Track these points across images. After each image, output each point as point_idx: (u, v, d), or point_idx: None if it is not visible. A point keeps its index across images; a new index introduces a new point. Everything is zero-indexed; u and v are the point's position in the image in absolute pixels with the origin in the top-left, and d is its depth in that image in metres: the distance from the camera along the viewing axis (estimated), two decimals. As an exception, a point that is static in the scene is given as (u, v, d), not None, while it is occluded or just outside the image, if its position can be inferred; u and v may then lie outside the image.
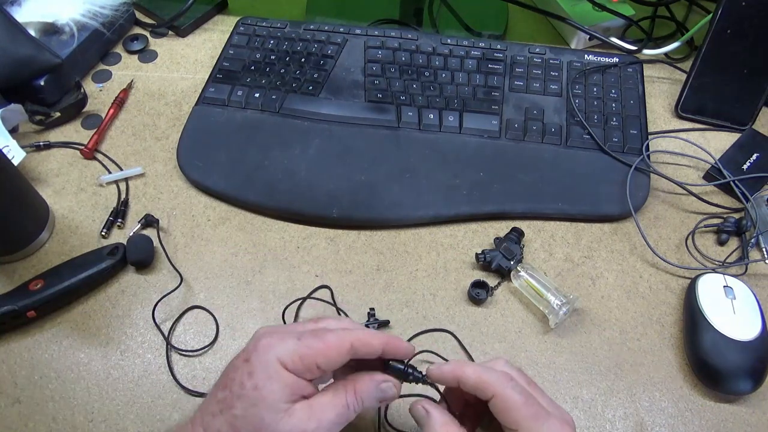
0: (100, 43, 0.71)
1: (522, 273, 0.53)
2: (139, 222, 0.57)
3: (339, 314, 0.51)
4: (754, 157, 0.62)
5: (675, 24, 0.77)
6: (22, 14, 0.66)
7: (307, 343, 0.35)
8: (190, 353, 0.50)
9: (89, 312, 0.52)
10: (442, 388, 0.39)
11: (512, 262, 0.54)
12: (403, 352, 0.38)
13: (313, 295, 0.53)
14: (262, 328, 0.37)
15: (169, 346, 0.50)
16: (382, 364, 0.38)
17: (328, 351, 0.35)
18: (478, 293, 0.53)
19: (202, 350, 0.50)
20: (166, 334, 0.51)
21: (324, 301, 0.53)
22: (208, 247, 0.56)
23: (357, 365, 0.37)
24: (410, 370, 0.38)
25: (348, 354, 0.35)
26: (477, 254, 0.55)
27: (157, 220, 0.57)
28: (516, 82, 0.67)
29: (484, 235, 0.58)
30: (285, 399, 0.33)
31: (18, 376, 0.48)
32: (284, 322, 0.51)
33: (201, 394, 0.47)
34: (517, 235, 0.56)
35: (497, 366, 0.38)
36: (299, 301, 0.52)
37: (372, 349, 0.36)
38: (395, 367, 0.38)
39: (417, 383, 0.39)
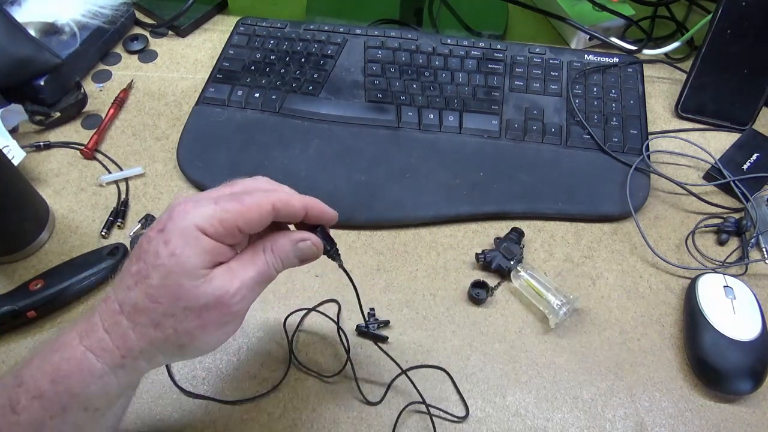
0: (100, 43, 0.71)
1: (522, 273, 0.53)
2: (139, 222, 0.57)
3: (339, 333, 0.51)
4: (754, 157, 0.62)
5: (675, 24, 0.77)
6: (22, 14, 0.66)
7: (225, 207, 0.33)
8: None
9: (89, 312, 0.52)
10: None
11: (512, 262, 0.54)
12: (327, 217, 0.38)
13: (318, 309, 0.53)
14: (178, 197, 0.35)
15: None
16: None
17: (249, 213, 0.33)
18: (478, 293, 0.53)
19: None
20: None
21: (328, 316, 0.53)
22: (208, 247, 0.56)
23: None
24: (329, 247, 0.39)
25: (269, 215, 0.34)
26: (477, 254, 0.55)
27: (157, 220, 0.57)
28: (516, 82, 0.67)
29: (484, 235, 0.58)
30: (203, 265, 0.32)
31: (18, 376, 0.48)
32: (285, 331, 0.51)
33: (200, 396, 0.47)
34: (517, 235, 0.56)
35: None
36: (304, 311, 0.52)
37: (293, 210, 0.35)
38: (323, 239, 0.38)
39: (333, 260, 0.40)
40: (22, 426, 0.32)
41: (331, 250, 0.40)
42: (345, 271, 0.41)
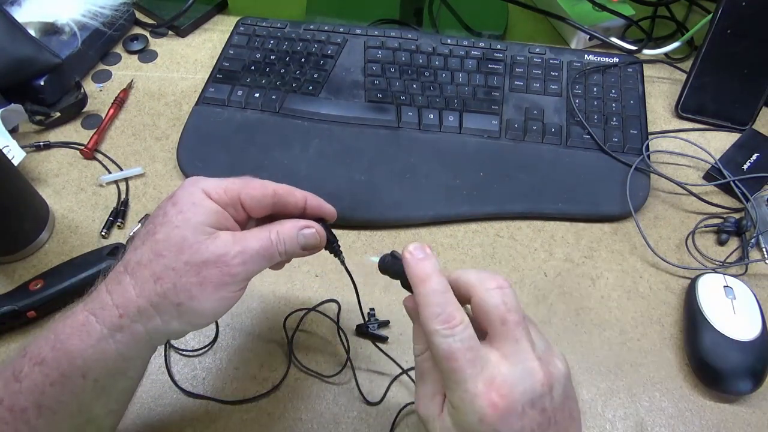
0: (100, 43, 0.71)
1: None
2: (139, 222, 0.57)
3: (339, 333, 0.51)
4: (754, 157, 0.62)
5: (675, 24, 0.77)
6: (22, 14, 0.66)
7: (231, 180, 0.36)
8: (190, 353, 0.50)
9: (89, 312, 0.52)
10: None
11: None
12: (326, 211, 0.40)
13: (318, 308, 0.53)
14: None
15: (169, 346, 0.50)
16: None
17: (252, 189, 0.36)
18: None
19: (202, 350, 0.50)
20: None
21: (328, 316, 0.53)
22: (208, 247, 0.56)
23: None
24: (333, 240, 0.41)
25: (271, 197, 0.37)
26: None
27: (157, 220, 0.57)
28: (516, 82, 0.67)
29: (484, 235, 0.58)
30: (209, 223, 0.34)
31: (18, 376, 0.48)
32: (285, 331, 0.51)
33: (200, 396, 0.47)
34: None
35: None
36: (304, 311, 0.52)
37: (294, 198, 0.38)
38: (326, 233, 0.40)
39: (336, 256, 0.41)
40: (23, 394, 0.33)
41: (334, 244, 0.41)
42: (346, 268, 0.42)
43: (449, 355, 0.30)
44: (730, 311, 0.50)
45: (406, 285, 0.36)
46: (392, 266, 0.38)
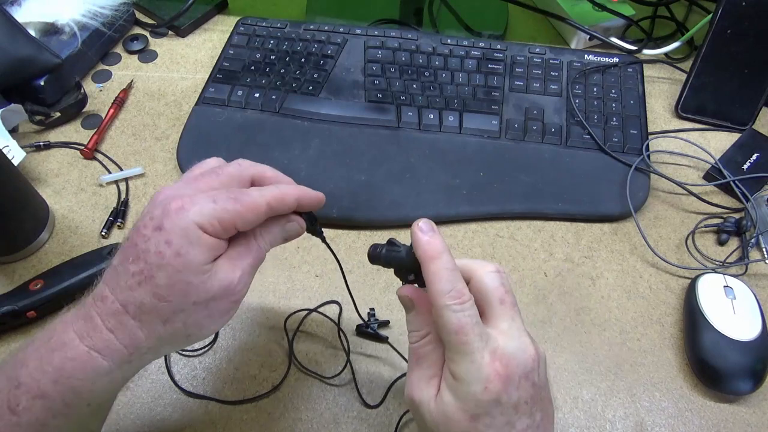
0: (100, 44, 0.71)
1: None
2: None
3: (339, 334, 0.51)
4: (754, 157, 0.62)
5: (675, 24, 0.77)
6: (22, 14, 0.66)
7: (224, 207, 0.33)
8: (190, 353, 0.50)
9: (89, 312, 0.52)
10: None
11: None
12: (316, 203, 0.39)
13: (319, 309, 0.53)
14: (162, 190, 0.35)
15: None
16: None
17: (246, 213, 0.34)
18: None
19: (202, 350, 0.50)
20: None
21: (328, 317, 0.53)
22: (208, 247, 0.56)
23: None
24: (319, 228, 0.41)
25: (265, 214, 0.35)
26: None
27: (157, 220, 0.57)
28: (516, 82, 0.67)
29: (485, 235, 0.58)
30: (207, 261, 0.33)
31: (18, 376, 0.48)
32: (285, 332, 0.51)
33: (200, 396, 0.47)
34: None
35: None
36: (305, 312, 0.52)
37: (287, 206, 0.37)
38: (306, 217, 0.40)
39: (316, 236, 0.42)
40: (23, 427, 0.33)
41: (314, 227, 0.41)
42: (328, 246, 0.43)
43: (459, 328, 0.32)
44: (730, 311, 0.50)
45: (400, 274, 0.38)
46: (387, 254, 0.38)
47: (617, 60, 0.69)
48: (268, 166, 0.39)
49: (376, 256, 0.39)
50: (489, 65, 0.68)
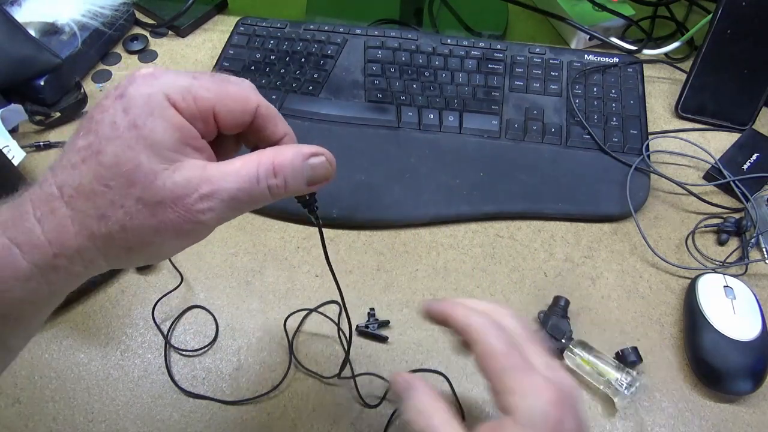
0: (100, 43, 0.71)
1: (578, 352, 0.48)
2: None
3: (339, 334, 0.51)
4: (754, 157, 0.62)
5: (675, 24, 0.77)
6: (22, 14, 0.66)
7: (204, 84, 0.27)
8: (190, 353, 0.50)
9: (89, 312, 0.52)
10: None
11: (563, 341, 0.49)
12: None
13: (320, 309, 0.53)
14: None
15: (169, 346, 0.50)
16: None
17: (231, 100, 0.27)
18: None
19: (202, 350, 0.50)
20: (166, 333, 0.51)
21: (328, 317, 0.53)
22: (208, 247, 0.56)
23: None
24: (315, 200, 0.32)
25: (251, 114, 0.28)
26: None
27: (157, 220, 0.57)
28: (516, 82, 0.67)
29: (484, 235, 0.58)
30: (172, 146, 0.26)
31: (18, 376, 0.48)
32: (285, 332, 0.51)
33: (200, 396, 0.47)
34: (563, 307, 0.51)
35: (494, 313, 0.33)
36: (305, 312, 0.52)
37: (274, 126, 0.29)
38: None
39: (308, 208, 0.33)
40: None
41: (309, 199, 0.33)
42: (318, 220, 0.35)
43: (505, 350, 0.31)
44: (730, 311, 0.50)
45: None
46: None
47: (617, 60, 0.69)
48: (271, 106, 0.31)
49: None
50: (489, 65, 0.68)
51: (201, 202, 0.26)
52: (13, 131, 0.62)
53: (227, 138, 0.30)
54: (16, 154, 0.58)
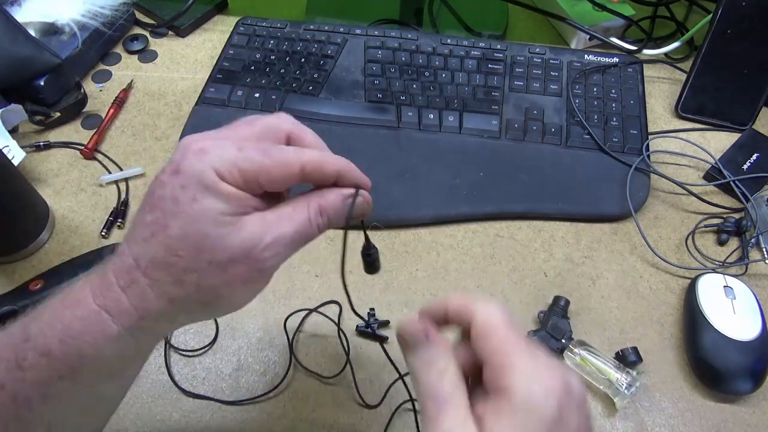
0: (100, 44, 0.71)
1: (577, 351, 0.48)
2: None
3: (339, 334, 0.51)
4: (754, 157, 0.62)
5: (675, 24, 0.77)
6: (22, 14, 0.66)
7: (248, 156, 0.29)
8: (190, 353, 0.50)
9: (89, 312, 0.52)
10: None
11: (563, 341, 0.49)
12: (362, 182, 0.33)
13: (319, 310, 0.53)
14: (189, 135, 0.31)
15: (168, 346, 0.50)
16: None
17: (274, 169, 0.29)
18: None
19: (202, 350, 0.50)
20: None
21: (329, 317, 0.53)
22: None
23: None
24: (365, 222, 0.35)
25: (297, 177, 0.30)
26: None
27: (157, 220, 0.57)
28: (516, 82, 0.67)
29: (484, 235, 0.58)
30: (229, 211, 0.28)
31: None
32: (286, 331, 0.51)
33: (200, 396, 0.47)
34: (563, 307, 0.51)
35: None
36: (305, 312, 0.52)
37: (324, 175, 0.31)
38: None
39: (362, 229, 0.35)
40: (28, 384, 0.30)
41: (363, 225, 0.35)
42: (366, 234, 0.38)
43: (508, 330, 0.29)
44: (730, 311, 0.50)
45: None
46: None
47: (617, 60, 0.69)
48: (310, 130, 0.34)
49: None
50: (489, 65, 0.68)
51: (266, 250, 0.29)
52: (13, 131, 0.62)
53: None
54: (16, 154, 0.58)
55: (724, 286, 0.52)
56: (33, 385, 0.30)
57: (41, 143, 0.62)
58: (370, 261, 0.40)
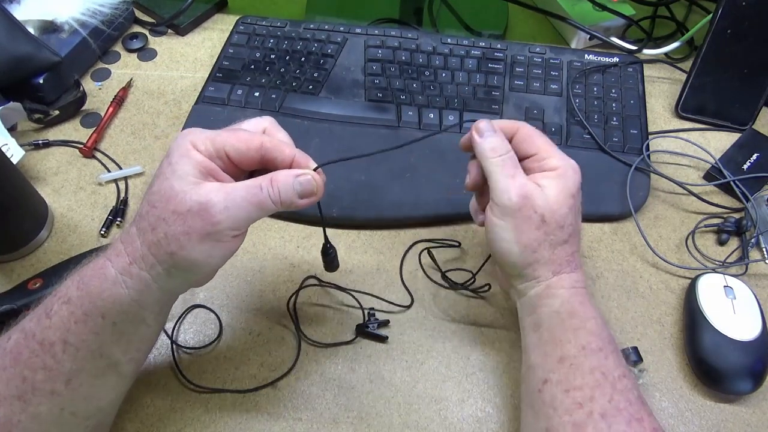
0: (100, 42, 0.70)
1: None
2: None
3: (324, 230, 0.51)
4: (754, 157, 0.62)
5: (675, 24, 0.77)
6: (21, 12, 0.66)
7: (219, 132, 0.37)
8: (196, 350, 0.50)
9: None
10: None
11: None
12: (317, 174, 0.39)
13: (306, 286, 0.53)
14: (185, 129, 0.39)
15: (176, 346, 0.50)
16: None
17: (237, 141, 0.37)
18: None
19: (206, 348, 0.50)
20: (171, 334, 0.50)
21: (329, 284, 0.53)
22: (208, 246, 0.56)
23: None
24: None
25: (257, 151, 0.37)
26: None
27: (157, 219, 0.57)
28: (516, 82, 0.67)
29: (485, 234, 0.57)
30: (195, 174, 0.35)
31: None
32: (289, 312, 0.51)
33: (207, 389, 0.47)
34: None
35: None
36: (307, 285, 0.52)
37: (281, 155, 0.38)
38: None
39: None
40: (52, 329, 0.36)
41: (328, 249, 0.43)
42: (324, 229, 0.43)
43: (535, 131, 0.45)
44: (730, 311, 0.50)
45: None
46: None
47: (617, 60, 0.69)
48: (284, 130, 0.41)
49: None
50: (489, 65, 0.68)
51: (217, 205, 0.35)
52: (12, 129, 0.62)
53: (255, 174, 0.39)
54: (15, 153, 0.58)
55: (724, 286, 0.52)
56: (55, 330, 0.36)
57: (40, 141, 0.62)
58: (329, 260, 0.45)
